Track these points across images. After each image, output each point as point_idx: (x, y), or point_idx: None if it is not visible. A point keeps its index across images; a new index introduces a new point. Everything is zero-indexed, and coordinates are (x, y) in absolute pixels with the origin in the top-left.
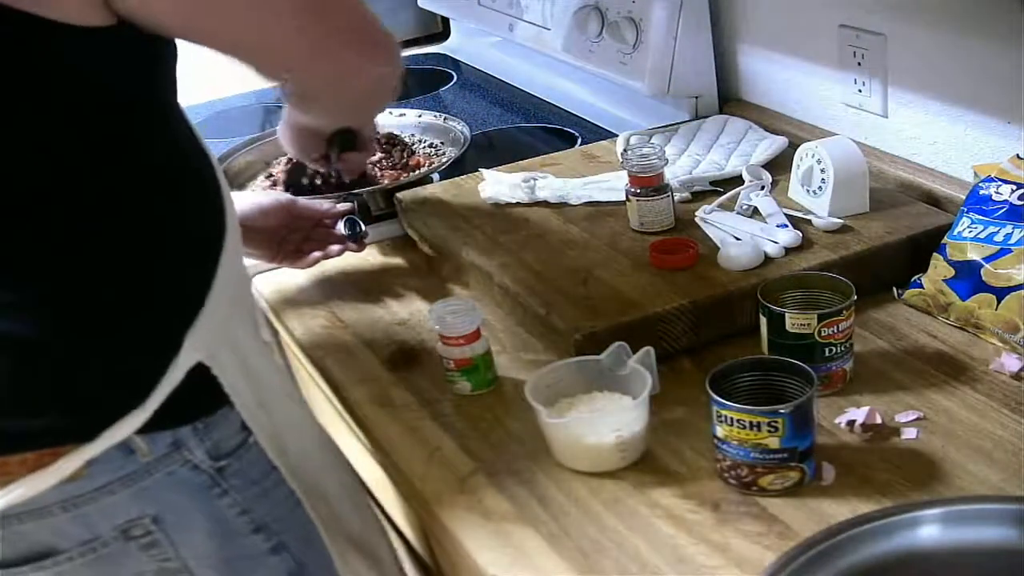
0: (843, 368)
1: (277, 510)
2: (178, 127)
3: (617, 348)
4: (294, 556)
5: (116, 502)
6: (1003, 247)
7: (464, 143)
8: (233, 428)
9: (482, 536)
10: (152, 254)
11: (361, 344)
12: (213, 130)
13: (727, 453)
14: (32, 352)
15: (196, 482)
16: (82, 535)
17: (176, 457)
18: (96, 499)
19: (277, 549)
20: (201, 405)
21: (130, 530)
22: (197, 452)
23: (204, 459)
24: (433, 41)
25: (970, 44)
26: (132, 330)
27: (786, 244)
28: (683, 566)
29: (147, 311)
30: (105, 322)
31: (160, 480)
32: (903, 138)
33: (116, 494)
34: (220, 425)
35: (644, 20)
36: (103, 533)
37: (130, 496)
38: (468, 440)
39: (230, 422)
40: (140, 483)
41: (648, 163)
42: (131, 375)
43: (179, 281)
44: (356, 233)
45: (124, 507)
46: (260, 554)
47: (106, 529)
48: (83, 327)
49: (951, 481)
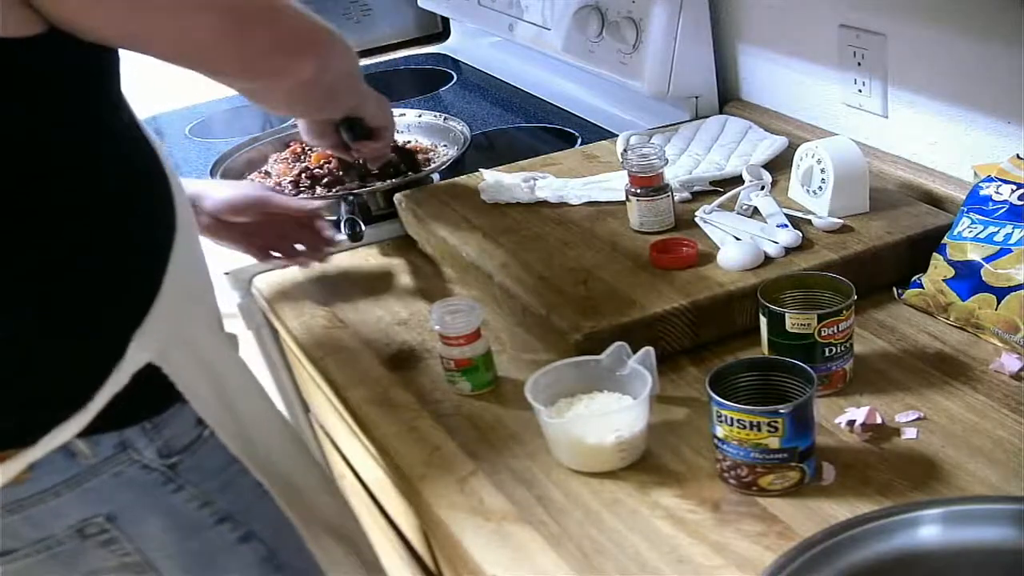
0: (843, 368)
1: (241, 500)
2: (120, 128)
3: (617, 348)
4: (265, 543)
5: (63, 503)
6: (1003, 247)
7: (464, 143)
8: (187, 424)
9: (482, 536)
10: (91, 260)
11: (361, 344)
12: (213, 130)
13: (727, 453)
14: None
15: (146, 480)
16: (34, 535)
17: (122, 458)
18: (43, 500)
19: (246, 538)
20: (150, 404)
21: (84, 529)
22: (146, 452)
23: (154, 458)
24: (433, 41)
25: (970, 44)
26: (71, 336)
27: (786, 244)
28: (683, 566)
29: (87, 317)
30: (44, 329)
31: (107, 481)
32: (903, 138)
33: (62, 496)
34: (172, 422)
35: (644, 20)
36: (56, 532)
37: (76, 497)
38: (468, 440)
39: (183, 419)
40: (85, 484)
41: (648, 163)
42: (70, 380)
43: (121, 285)
44: (356, 233)
45: (73, 508)
46: (229, 544)
47: (59, 528)
48: (21, 333)
49: (951, 481)
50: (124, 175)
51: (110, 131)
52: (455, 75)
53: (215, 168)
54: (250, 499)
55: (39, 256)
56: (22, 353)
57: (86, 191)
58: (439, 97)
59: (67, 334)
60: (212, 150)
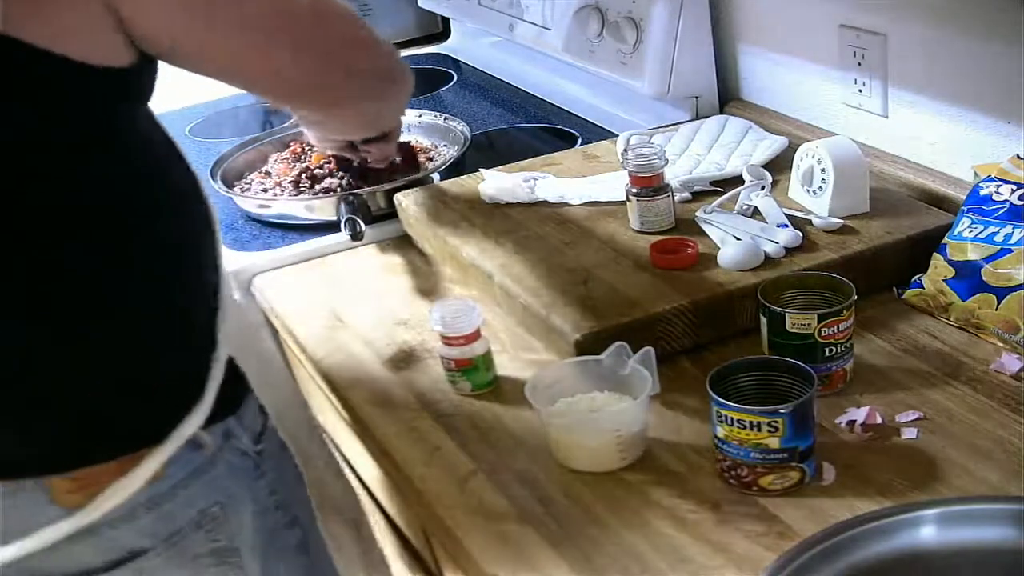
0: (843, 368)
1: (290, 486)
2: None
3: (617, 348)
4: (303, 528)
5: (190, 495)
6: (1003, 247)
7: (464, 143)
8: (254, 412)
9: (482, 536)
10: (178, 265)
11: (361, 344)
12: (213, 130)
13: (727, 453)
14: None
15: (245, 467)
16: (166, 530)
17: (230, 446)
18: (175, 495)
19: (291, 523)
20: (237, 395)
21: (202, 520)
22: (244, 439)
23: (249, 445)
24: (433, 41)
25: (970, 44)
26: (180, 333)
27: (786, 244)
28: (683, 566)
29: (185, 315)
30: (159, 329)
31: (221, 470)
32: (903, 138)
33: (189, 488)
34: (247, 412)
35: (644, 20)
36: (183, 525)
37: (201, 487)
38: (468, 440)
39: (251, 408)
40: (208, 474)
41: (648, 163)
42: (187, 375)
43: (204, 280)
44: (356, 233)
45: (197, 498)
46: (280, 528)
47: (184, 521)
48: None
49: (951, 481)
50: (179, 184)
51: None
52: (455, 75)
53: (215, 168)
54: (295, 485)
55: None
56: (144, 355)
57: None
58: (439, 97)
59: (176, 332)
60: (212, 150)
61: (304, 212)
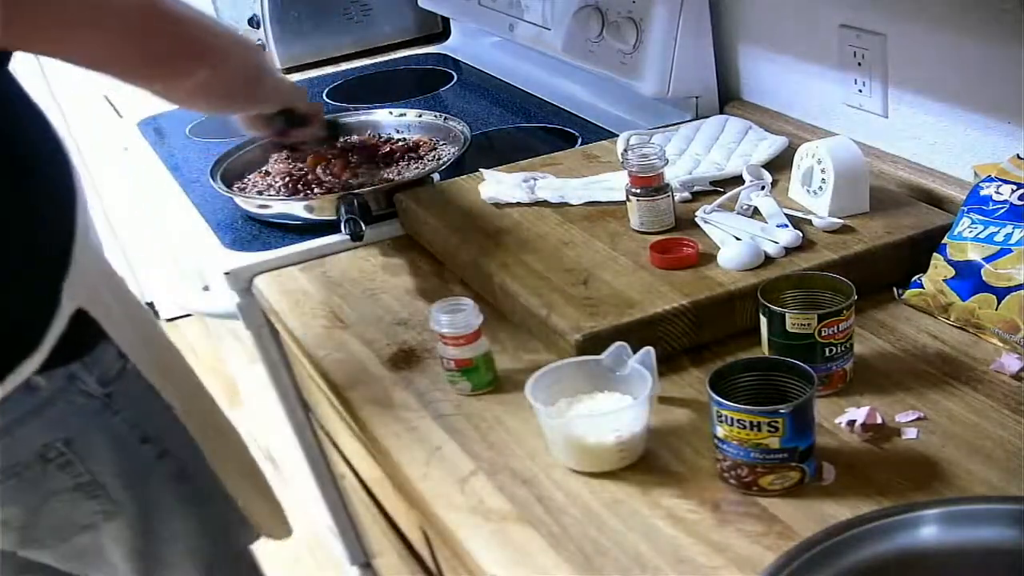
0: (843, 368)
1: (157, 422)
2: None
3: (617, 348)
4: (179, 458)
5: (29, 431)
6: (1003, 247)
7: (464, 143)
8: (112, 357)
9: (482, 536)
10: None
11: (361, 344)
12: (213, 130)
13: (727, 453)
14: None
15: (92, 406)
16: (6, 461)
17: (72, 388)
18: (11, 431)
19: (162, 455)
20: (86, 342)
21: (46, 453)
22: (89, 382)
23: (96, 387)
24: (433, 41)
25: (970, 44)
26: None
27: (786, 244)
28: (683, 566)
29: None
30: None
31: (62, 409)
32: (903, 138)
33: (27, 424)
34: (102, 357)
35: (644, 20)
36: (25, 458)
37: (39, 425)
38: (468, 440)
39: (109, 353)
40: (46, 413)
41: (648, 163)
42: (23, 327)
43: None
44: (356, 233)
45: (37, 435)
46: (150, 460)
47: (26, 454)
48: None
49: (951, 481)
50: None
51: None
52: (455, 75)
53: (215, 168)
54: (164, 421)
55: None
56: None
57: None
58: (439, 97)
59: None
60: (212, 150)
61: (304, 212)
